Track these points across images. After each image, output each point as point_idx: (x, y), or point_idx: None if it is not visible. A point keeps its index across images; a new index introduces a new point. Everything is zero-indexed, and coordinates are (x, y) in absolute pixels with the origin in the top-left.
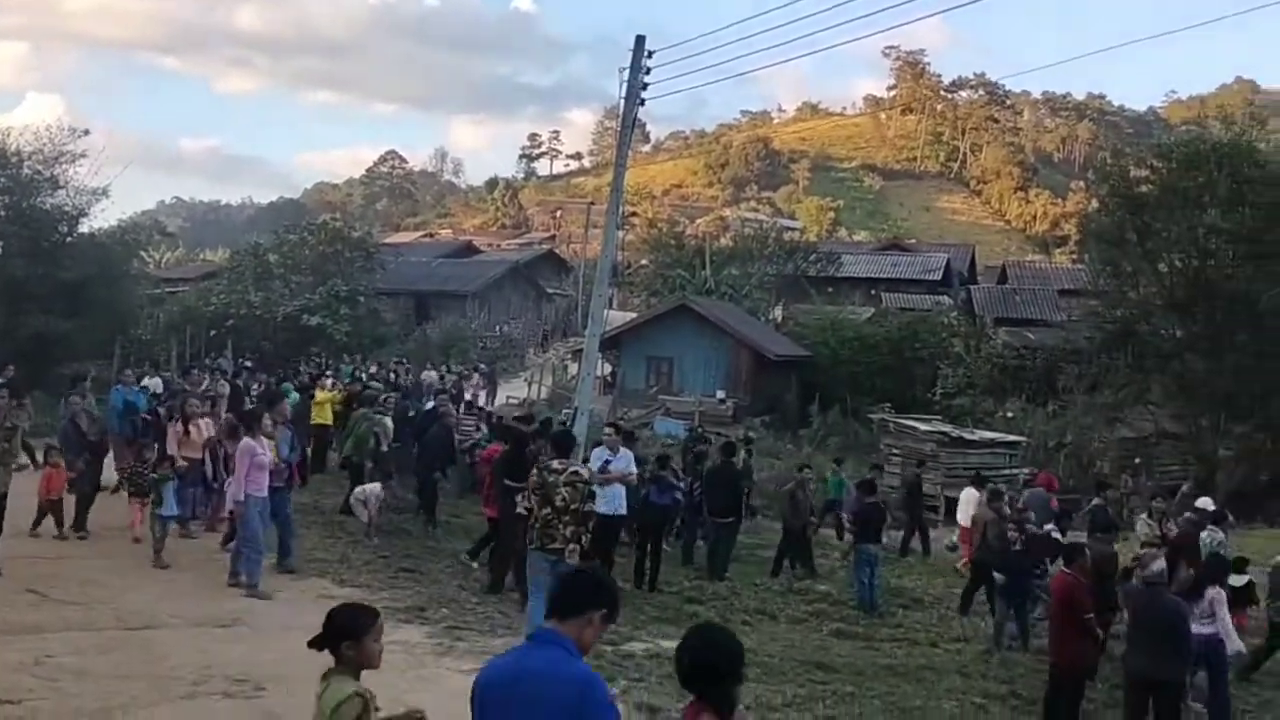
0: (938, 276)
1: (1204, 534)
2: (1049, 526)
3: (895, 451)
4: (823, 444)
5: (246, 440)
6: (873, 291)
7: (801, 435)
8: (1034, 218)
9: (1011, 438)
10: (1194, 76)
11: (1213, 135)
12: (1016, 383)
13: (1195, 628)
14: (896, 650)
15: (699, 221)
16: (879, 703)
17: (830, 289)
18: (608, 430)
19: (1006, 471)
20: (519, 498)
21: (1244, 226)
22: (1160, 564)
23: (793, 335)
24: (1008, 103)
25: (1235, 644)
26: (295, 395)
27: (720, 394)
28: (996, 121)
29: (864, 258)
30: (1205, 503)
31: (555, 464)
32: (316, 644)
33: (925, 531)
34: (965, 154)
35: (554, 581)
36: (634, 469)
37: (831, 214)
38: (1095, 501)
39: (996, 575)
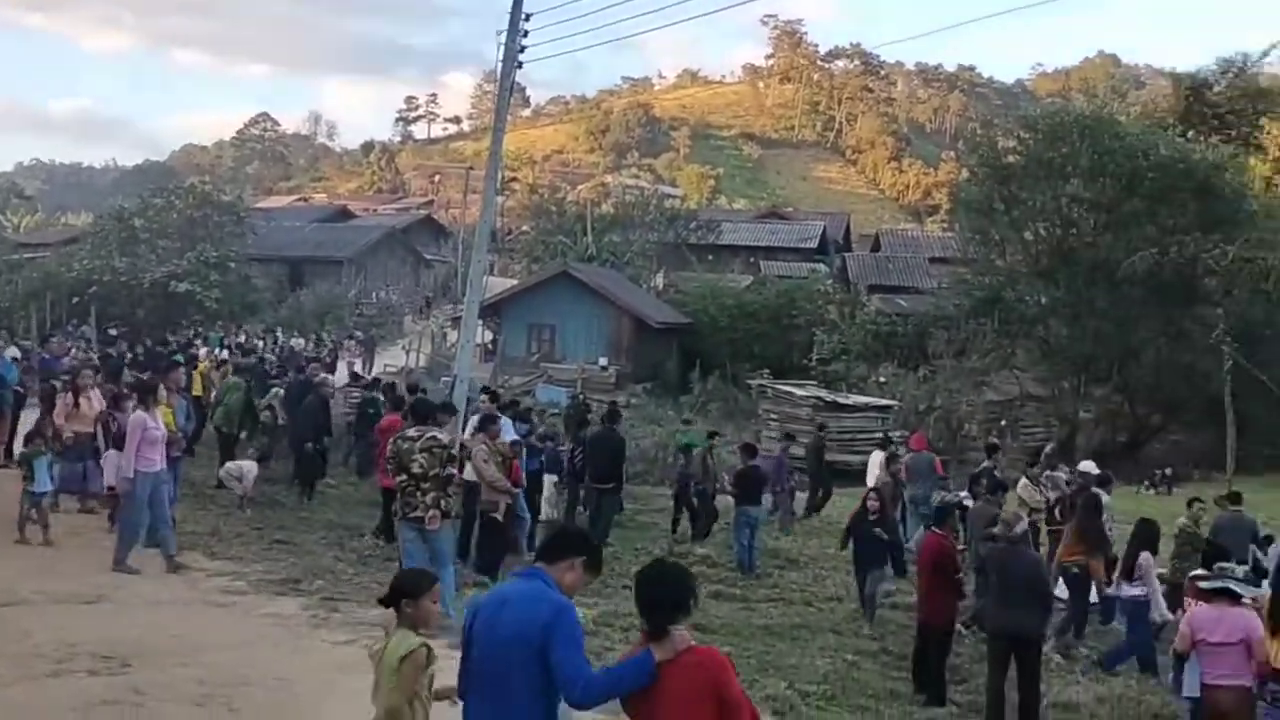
0: (814, 245)
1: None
2: (963, 494)
3: (773, 417)
4: (703, 410)
5: (139, 413)
6: (752, 259)
7: (683, 401)
8: (907, 187)
9: (884, 402)
10: (1059, 50)
11: (1076, 108)
12: (889, 348)
13: (1126, 589)
14: (772, 610)
15: (580, 188)
16: (755, 662)
17: (710, 256)
18: (483, 398)
19: (879, 434)
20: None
21: (1104, 196)
22: (1024, 525)
23: (674, 302)
24: (882, 73)
25: (1163, 612)
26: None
27: (602, 361)
28: (871, 92)
29: (743, 226)
30: (1089, 466)
31: (411, 431)
32: (384, 602)
33: (815, 496)
34: (841, 123)
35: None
36: (511, 436)
37: (711, 182)
38: (985, 464)
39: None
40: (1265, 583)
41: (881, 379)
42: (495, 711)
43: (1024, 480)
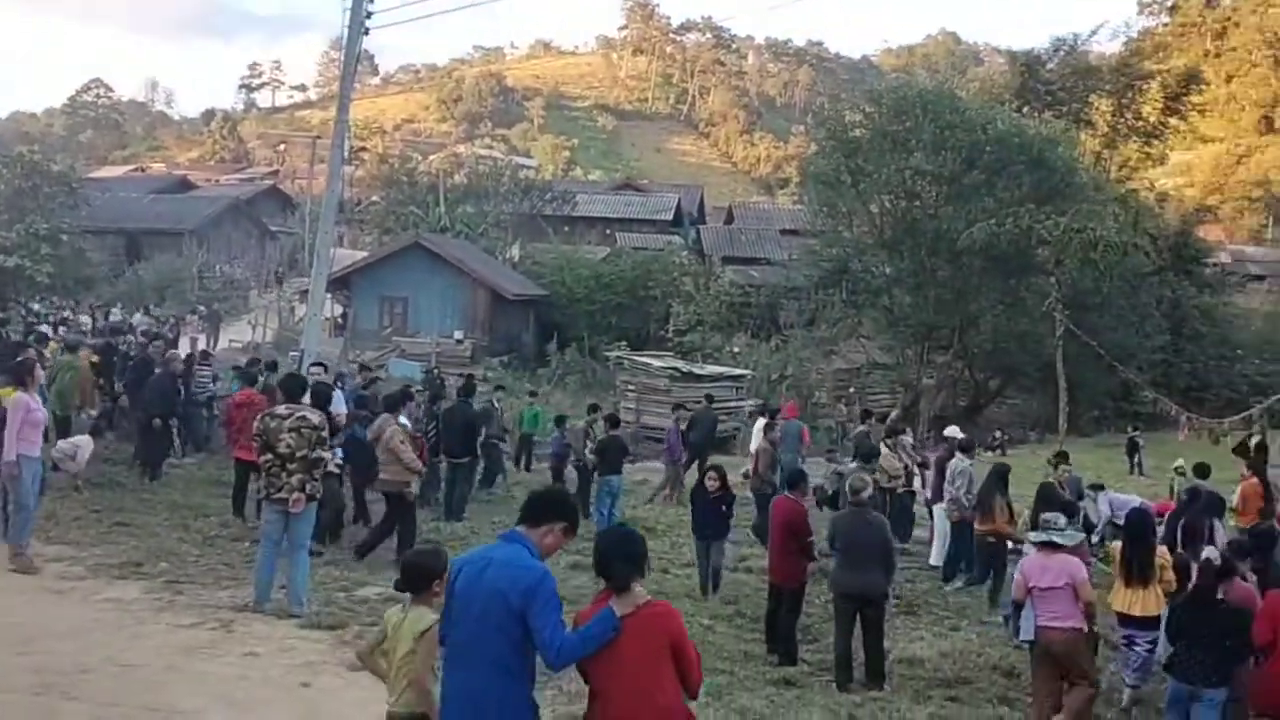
0: (669, 216)
1: (952, 461)
2: (852, 463)
3: (631, 388)
4: (561, 382)
5: (20, 394)
6: (608, 230)
7: (540, 374)
8: (758, 160)
9: (738, 371)
10: (904, 28)
11: (919, 83)
12: (742, 319)
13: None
14: None
15: (432, 158)
16: None
17: (566, 228)
18: (314, 369)
19: (733, 403)
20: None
21: (945, 169)
22: (870, 490)
23: (530, 274)
24: (733, 47)
25: None
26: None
27: (458, 334)
28: (723, 65)
29: (599, 197)
30: (953, 431)
31: (281, 409)
32: (399, 588)
33: (687, 466)
34: (694, 96)
35: (529, 496)
36: (344, 409)
37: (566, 153)
38: (859, 429)
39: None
40: (1097, 532)
41: (735, 349)
42: (473, 662)
43: (883, 449)
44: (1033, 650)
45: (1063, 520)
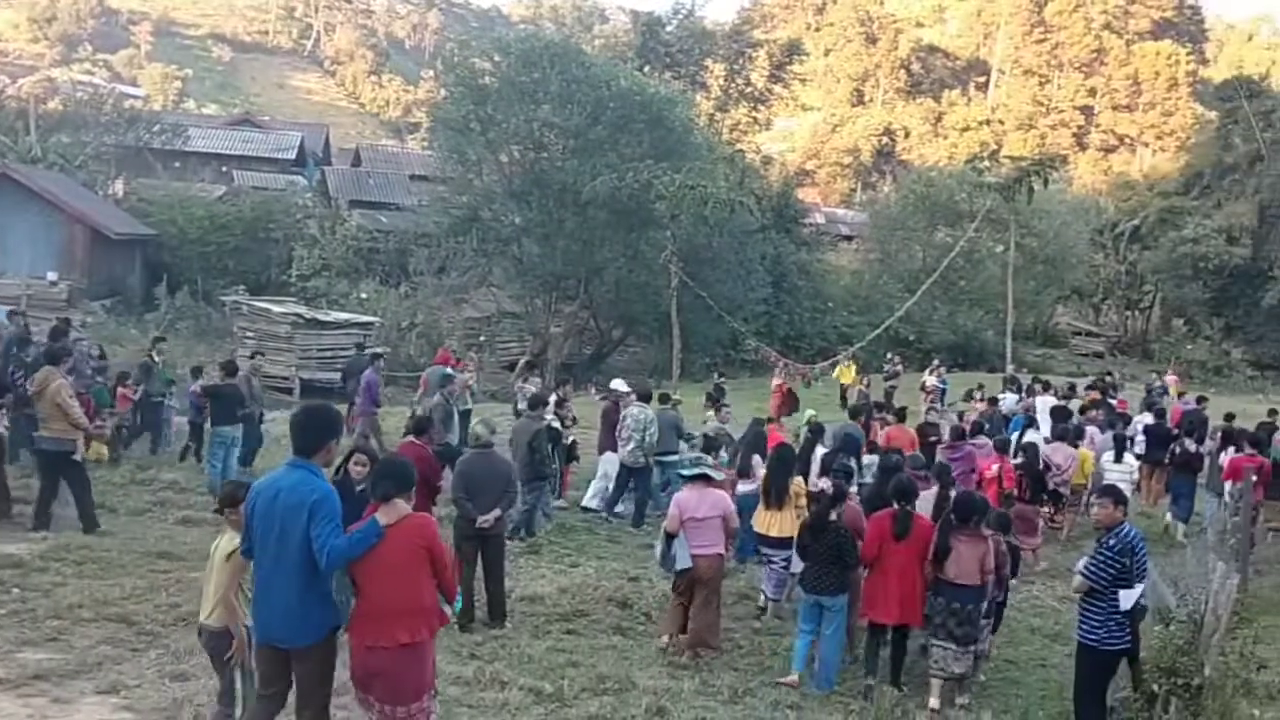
0: (292, 156)
1: (633, 410)
2: (551, 416)
3: (249, 334)
4: (172, 328)
5: None
6: (224, 168)
7: (148, 319)
8: (387, 102)
9: (366, 318)
10: None
11: (547, 36)
12: (371, 265)
13: (741, 486)
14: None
15: (22, 82)
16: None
17: (178, 164)
18: None
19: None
20: None
21: (572, 122)
22: (491, 436)
23: (136, 212)
24: None
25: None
26: None
27: (52, 275)
28: (349, 2)
29: (214, 132)
30: (619, 384)
31: None
32: (216, 511)
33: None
34: (319, 32)
35: (293, 423)
36: None
37: (178, 83)
38: (519, 383)
39: None
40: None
41: (363, 295)
42: (274, 570)
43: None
44: (681, 577)
45: (709, 458)
